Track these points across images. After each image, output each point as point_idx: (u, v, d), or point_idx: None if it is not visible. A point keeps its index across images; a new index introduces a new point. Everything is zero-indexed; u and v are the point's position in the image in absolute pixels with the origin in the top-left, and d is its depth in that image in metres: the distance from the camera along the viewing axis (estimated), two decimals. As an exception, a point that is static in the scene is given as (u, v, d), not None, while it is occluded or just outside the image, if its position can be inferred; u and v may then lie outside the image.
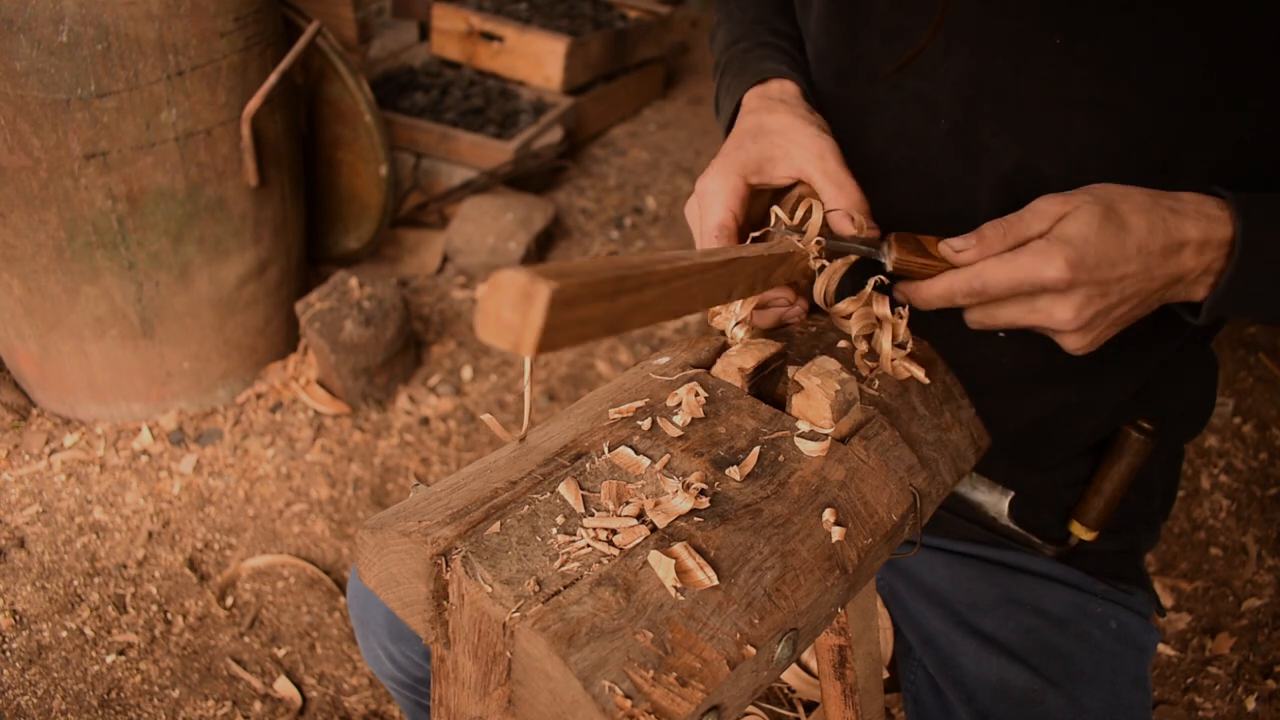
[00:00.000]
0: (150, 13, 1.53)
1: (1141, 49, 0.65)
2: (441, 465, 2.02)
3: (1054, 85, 0.68)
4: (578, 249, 2.88)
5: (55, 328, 1.78)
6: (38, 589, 1.62)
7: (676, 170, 3.44)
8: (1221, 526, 2.05)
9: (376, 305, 2.06)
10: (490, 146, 2.79)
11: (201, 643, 1.58)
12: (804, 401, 0.62)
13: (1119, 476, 0.84)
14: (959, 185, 0.76)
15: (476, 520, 0.51)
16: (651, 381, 0.66)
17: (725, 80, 0.88)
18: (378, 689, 1.57)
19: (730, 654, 0.47)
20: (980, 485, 0.88)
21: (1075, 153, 0.69)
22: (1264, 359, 2.57)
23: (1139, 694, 0.83)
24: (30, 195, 1.59)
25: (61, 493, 1.81)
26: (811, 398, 0.61)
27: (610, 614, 0.46)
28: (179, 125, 1.65)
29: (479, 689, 0.52)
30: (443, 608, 0.51)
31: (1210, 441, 2.29)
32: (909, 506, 0.61)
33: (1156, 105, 0.66)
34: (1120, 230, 0.60)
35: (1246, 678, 1.71)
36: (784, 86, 0.81)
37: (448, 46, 3.30)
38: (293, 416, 2.07)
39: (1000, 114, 0.71)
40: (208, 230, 1.80)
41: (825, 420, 0.61)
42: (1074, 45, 0.66)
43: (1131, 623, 0.87)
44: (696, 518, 0.53)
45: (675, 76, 4.29)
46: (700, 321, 2.57)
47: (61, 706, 1.44)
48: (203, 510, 1.83)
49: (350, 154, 2.25)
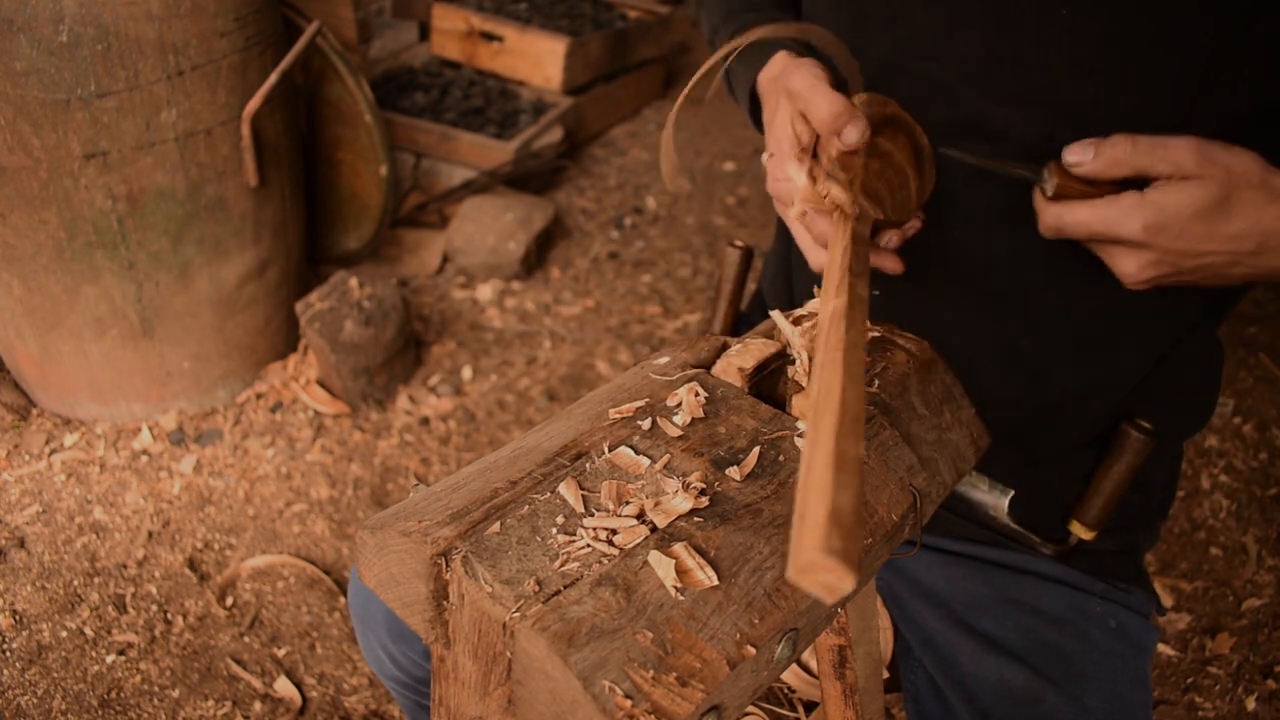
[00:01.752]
0: (150, 13, 1.53)
1: (1147, 13, 0.64)
2: (441, 465, 2.02)
3: (1063, 57, 0.68)
4: (577, 249, 2.88)
5: (55, 328, 1.78)
6: (38, 589, 1.62)
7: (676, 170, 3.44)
8: (1221, 526, 2.05)
9: (376, 305, 2.06)
10: (490, 146, 2.79)
11: (201, 643, 1.58)
12: (804, 401, 0.62)
13: (1118, 476, 0.84)
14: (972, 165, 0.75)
15: (476, 520, 0.51)
16: (651, 381, 0.66)
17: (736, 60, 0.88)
18: (378, 689, 1.57)
19: (730, 654, 0.47)
20: (979, 484, 0.88)
21: (1089, 124, 0.69)
22: (1264, 359, 2.57)
23: (1139, 693, 0.83)
24: (30, 195, 1.59)
25: (61, 493, 1.81)
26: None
27: (610, 614, 0.46)
28: (179, 125, 1.65)
29: (479, 689, 0.52)
30: (443, 608, 0.51)
31: (1210, 441, 2.29)
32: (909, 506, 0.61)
33: (1165, 70, 0.65)
34: (1221, 219, 0.61)
35: (1246, 678, 1.71)
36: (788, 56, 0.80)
37: (448, 46, 3.30)
38: (293, 416, 2.07)
39: (1010, 90, 0.71)
40: (208, 230, 1.80)
41: (825, 420, 0.61)
42: (1080, 15, 0.66)
43: (1131, 622, 0.87)
44: (696, 518, 0.53)
45: (675, 76, 4.28)
46: (700, 322, 2.57)
47: (61, 706, 1.44)
48: (203, 510, 1.83)
49: (350, 154, 2.25)
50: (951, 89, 0.73)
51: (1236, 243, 0.62)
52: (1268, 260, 0.63)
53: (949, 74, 0.73)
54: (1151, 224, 0.61)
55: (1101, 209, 0.63)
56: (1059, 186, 0.65)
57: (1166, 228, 0.61)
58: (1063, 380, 0.81)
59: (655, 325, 2.57)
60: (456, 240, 2.62)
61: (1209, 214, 0.61)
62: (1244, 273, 0.65)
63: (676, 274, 2.81)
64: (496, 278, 2.64)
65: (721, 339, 0.71)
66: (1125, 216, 0.62)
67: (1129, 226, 0.62)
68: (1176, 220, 0.61)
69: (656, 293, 2.72)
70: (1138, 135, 0.62)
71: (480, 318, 2.50)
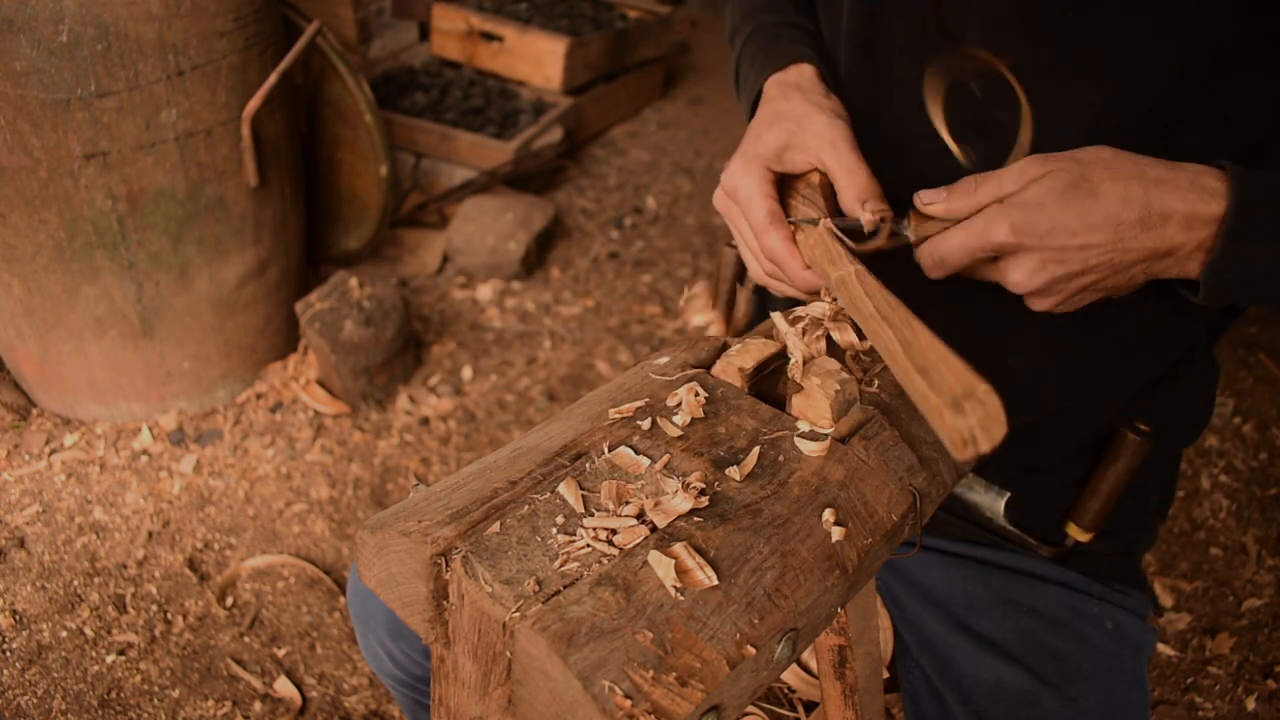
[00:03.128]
0: (150, 13, 1.53)
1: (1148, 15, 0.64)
2: (441, 465, 2.02)
3: (1065, 56, 0.68)
4: (577, 249, 2.88)
5: (55, 328, 1.78)
6: (38, 589, 1.62)
7: (676, 170, 3.44)
8: (1221, 526, 2.05)
9: (376, 305, 2.06)
10: (490, 146, 2.79)
11: (201, 643, 1.58)
12: (804, 401, 0.62)
13: (1115, 478, 0.84)
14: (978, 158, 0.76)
15: (476, 520, 0.51)
16: (651, 381, 0.66)
17: (746, 57, 0.89)
18: (378, 689, 1.57)
19: (730, 654, 0.47)
20: (976, 485, 0.88)
21: (1087, 123, 0.69)
22: (1264, 359, 2.57)
23: (1136, 694, 0.83)
24: (30, 195, 1.59)
25: (61, 493, 1.81)
26: (811, 397, 0.61)
27: (610, 614, 0.46)
28: (179, 125, 1.65)
29: (479, 689, 0.52)
30: (443, 608, 0.51)
31: (1210, 441, 2.29)
32: (909, 506, 0.61)
33: (1165, 71, 0.66)
34: (1086, 199, 0.60)
35: (1246, 678, 1.71)
36: (801, 71, 0.82)
37: (448, 46, 3.30)
38: (293, 416, 2.07)
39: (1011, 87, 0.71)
40: (208, 230, 1.80)
41: (825, 420, 0.61)
42: (1084, 15, 0.66)
43: (1128, 623, 0.87)
44: (696, 518, 0.53)
45: (675, 76, 4.29)
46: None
47: (61, 706, 1.44)
48: (203, 510, 1.83)
49: (350, 154, 2.25)
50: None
51: (1114, 220, 0.60)
52: (1160, 237, 0.61)
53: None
54: (1017, 222, 0.61)
55: (968, 225, 0.64)
56: (918, 230, 0.68)
57: (1034, 222, 0.60)
58: (1049, 398, 0.82)
59: (655, 325, 2.57)
60: (456, 240, 2.62)
61: (1071, 197, 0.60)
62: (1138, 258, 0.62)
63: (676, 274, 2.81)
64: (496, 278, 2.64)
65: (721, 339, 0.72)
66: (991, 223, 0.62)
67: (998, 231, 0.61)
68: (1040, 213, 0.60)
69: (656, 293, 2.72)
70: (979, 173, 0.65)
71: (480, 318, 2.50)
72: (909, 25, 0.76)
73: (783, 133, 0.75)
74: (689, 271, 2.83)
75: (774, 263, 0.73)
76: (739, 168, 0.75)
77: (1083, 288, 0.64)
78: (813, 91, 0.79)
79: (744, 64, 0.89)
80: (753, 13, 0.91)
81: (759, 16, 0.90)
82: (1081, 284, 0.64)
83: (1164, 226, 0.60)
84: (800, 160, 0.74)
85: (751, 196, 0.73)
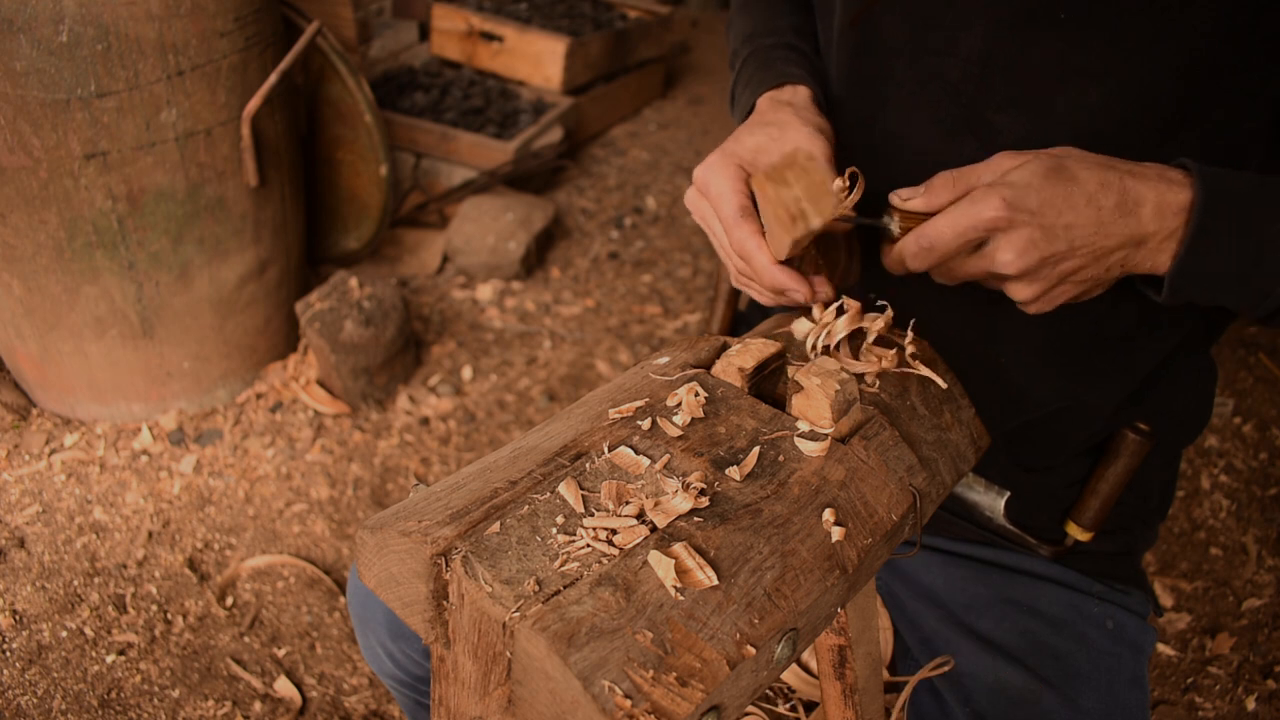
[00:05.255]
0: (150, 13, 1.53)
1: (1148, 16, 0.65)
2: (441, 465, 2.02)
3: (1059, 58, 0.68)
4: (578, 249, 2.88)
5: (55, 328, 1.78)
6: (38, 589, 1.62)
7: (676, 170, 3.44)
8: (1221, 526, 2.05)
9: (376, 305, 2.06)
10: (490, 146, 2.79)
11: (201, 643, 1.59)
12: (804, 401, 0.62)
13: (1115, 477, 0.84)
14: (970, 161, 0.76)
15: (476, 520, 0.51)
16: (651, 381, 0.66)
17: (742, 78, 0.90)
18: (378, 689, 1.57)
19: (730, 654, 0.47)
20: (976, 485, 0.88)
21: (1082, 125, 0.70)
22: (1264, 359, 2.57)
23: (1136, 694, 0.83)
24: (30, 195, 1.59)
25: (61, 493, 1.81)
26: (811, 398, 0.61)
27: (610, 614, 0.46)
28: (179, 125, 1.65)
29: (479, 689, 0.52)
30: (443, 608, 0.51)
31: (1210, 441, 2.29)
32: (909, 506, 0.61)
33: (1160, 74, 0.66)
34: (1068, 181, 0.62)
35: (1246, 678, 1.71)
36: (796, 91, 0.83)
37: (448, 46, 3.30)
38: (293, 416, 2.07)
39: (1007, 89, 0.71)
40: (208, 230, 1.80)
41: (825, 420, 0.61)
42: (1078, 18, 0.67)
43: (1128, 623, 0.87)
44: (696, 518, 0.53)
45: (675, 76, 4.29)
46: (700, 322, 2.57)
47: (61, 706, 1.44)
48: (203, 510, 1.83)
49: (350, 154, 2.25)
50: (955, 84, 0.74)
51: (1095, 206, 0.62)
52: (1136, 223, 0.62)
53: (954, 70, 0.74)
54: (1009, 196, 0.61)
55: (956, 207, 0.64)
56: (902, 224, 0.69)
57: (1024, 197, 0.61)
58: (1044, 399, 0.82)
59: (655, 325, 2.57)
60: (456, 240, 2.62)
61: (1054, 176, 0.62)
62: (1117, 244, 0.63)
63: (676, 274, 2.81)
64: (496, 278, 2.64)
65: (721, 339, 0.72)
66: (981, 201, 0.62)
67: (989, 206, 0.62)
68: (1029, 189, 0.61)
69: (656, 293, 2.72)
70: (954, 169, 0.66)
71: (480, 318, 2.50)
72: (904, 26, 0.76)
73: (763, 137, 0.76)
74: (689, 271, 2.83)
75: (743, 259, 0.73)
76: (712, 162, 0.75)
77: (1064, 275, 0.65)
78: (803, 109, 0.81)
79: (739, 85, 0.91)
80: (752, 36, 0.93)
81: (757, 40, 0.92)
82: (1064, 270, 0.64)
83: (1138, 212, 0.62)
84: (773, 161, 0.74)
85: (723, 192, 0.73)
